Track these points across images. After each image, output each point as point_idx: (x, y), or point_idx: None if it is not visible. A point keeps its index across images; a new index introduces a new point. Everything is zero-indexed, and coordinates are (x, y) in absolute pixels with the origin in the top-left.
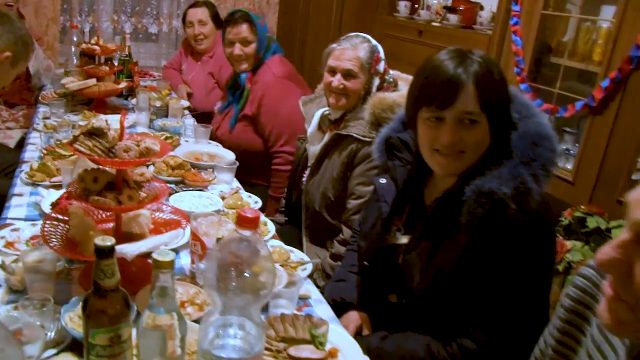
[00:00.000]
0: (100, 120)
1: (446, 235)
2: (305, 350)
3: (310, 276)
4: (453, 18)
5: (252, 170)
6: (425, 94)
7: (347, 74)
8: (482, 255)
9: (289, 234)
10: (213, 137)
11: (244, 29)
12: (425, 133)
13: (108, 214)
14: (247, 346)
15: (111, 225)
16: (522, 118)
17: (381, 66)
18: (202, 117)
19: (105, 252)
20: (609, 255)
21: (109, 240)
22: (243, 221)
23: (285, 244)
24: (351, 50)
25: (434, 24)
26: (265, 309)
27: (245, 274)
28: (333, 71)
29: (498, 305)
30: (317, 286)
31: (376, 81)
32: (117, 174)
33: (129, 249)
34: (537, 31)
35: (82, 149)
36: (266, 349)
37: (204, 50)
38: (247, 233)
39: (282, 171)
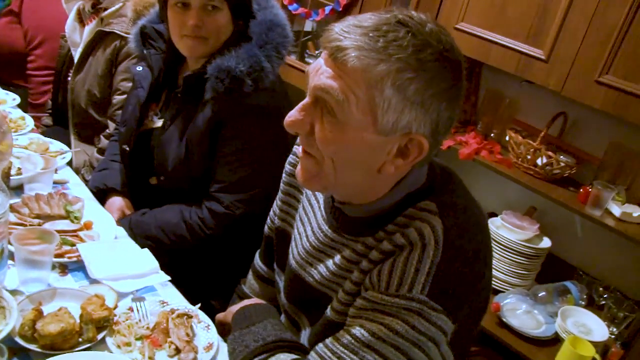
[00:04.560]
0: None
1: (194, 111)
2: (61, 224)
3: (77, 171)
4: None
5: (13, 70)
6: None
7: None
8: (221, 126)
9: (57, 135)
10: None
11: None
12: (174, 18)
13: None
14: None
15: None
16: (261, 9)
17: None
18: None
19: None
20: (295, 117)
21: None
22: None
23: None
24: None
25: None
26: (20, 189)
27: None
28: None
29: (232, 168)
30: (85, 180)
31: None
32: None
33: None
34: None
35: None
36: (20, 224)
37: None
38: None
39: (35, 76)
